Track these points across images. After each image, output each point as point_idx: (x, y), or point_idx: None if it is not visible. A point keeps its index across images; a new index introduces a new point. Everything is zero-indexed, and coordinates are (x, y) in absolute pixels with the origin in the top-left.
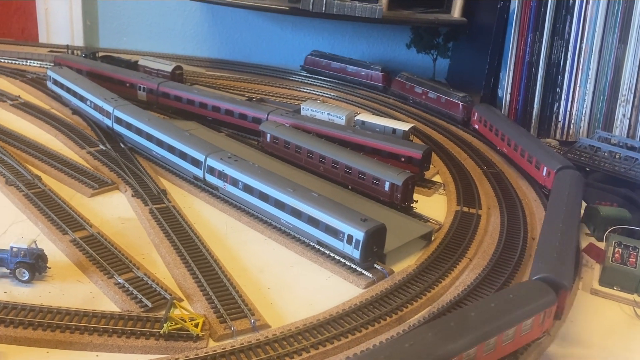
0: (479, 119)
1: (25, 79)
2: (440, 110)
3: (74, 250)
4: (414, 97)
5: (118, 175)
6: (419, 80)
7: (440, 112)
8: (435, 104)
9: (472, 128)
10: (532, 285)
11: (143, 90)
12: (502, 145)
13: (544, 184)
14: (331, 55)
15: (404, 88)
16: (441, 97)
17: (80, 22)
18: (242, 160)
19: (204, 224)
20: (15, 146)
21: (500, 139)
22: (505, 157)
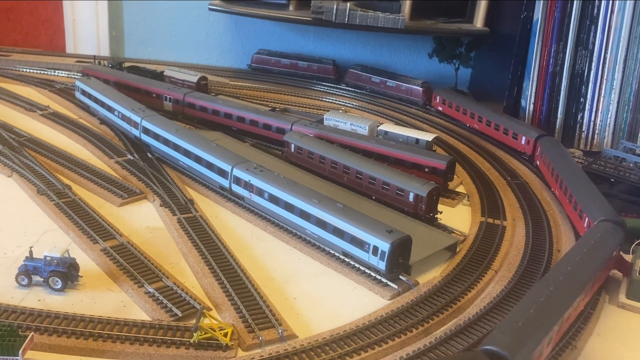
0: (442, 101)
1: (53, 89)
2: (401, 97)
3: (105, 259)
4: (371, 87)
5: (146, 184)
6: (375, 70)
7: (401, 98)
8: (395, 91)
9: (435, 110)
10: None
11: (169, 100)
12: (472, 122)
13: (524, 151)
14: (279, 53)
15: (360, 79)
16: (401, 85)
17: (106, 33)
18: (268, 171)
19: (230, 234)
20: (45, 156)
21: (470, 116)
22: (476, 133)
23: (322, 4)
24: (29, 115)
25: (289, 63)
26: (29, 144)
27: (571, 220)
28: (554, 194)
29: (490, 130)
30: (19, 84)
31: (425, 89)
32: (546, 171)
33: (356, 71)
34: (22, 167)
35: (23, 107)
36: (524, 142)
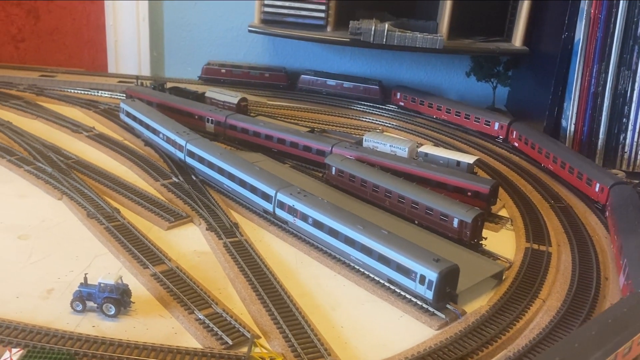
0: (403, 97)
1: (98, 110)
2: (360, 96)
3: (155, 284)
4: (327, 90)
5: (192, 208)
6: (328, 74)
7: (359, 98)
8: (353, 92)
9: (398, 105)
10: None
11: (211, 122)
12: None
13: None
14: (230, 64)
15: (315, 83)
16: (359, 86)
17: (147, 53)
18: (312, 196)
19: (274, 258)
20: (93, 178)
21: (431, 107)
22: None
23: (360, 25)
24: (75, 136)
25: (240, 72)
26: (77, 166)
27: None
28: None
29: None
30: (64, 104)
31: (381, 87)
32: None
33: (309, 76)
34: (71, 190)
35: (69, 129)
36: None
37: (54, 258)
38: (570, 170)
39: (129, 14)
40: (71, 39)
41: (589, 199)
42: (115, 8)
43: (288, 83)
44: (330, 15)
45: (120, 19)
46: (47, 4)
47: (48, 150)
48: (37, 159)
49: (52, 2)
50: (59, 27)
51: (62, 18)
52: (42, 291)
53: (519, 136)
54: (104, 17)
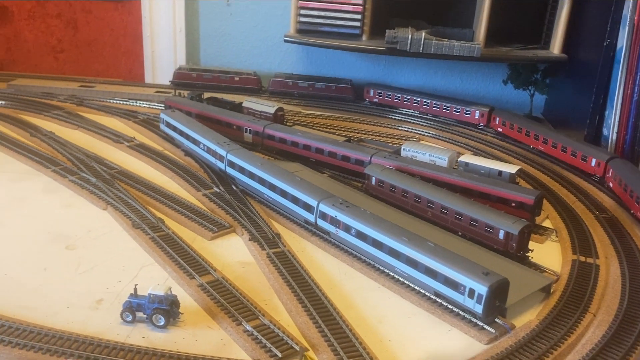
0: (376, 94)
1: (137, 120)
2: (332, 96)
3: (202, 295)
4: (299, 92)
5: (234, 218)
6: (299, 75)
7: (332, 97)
8: (325, 92)
9: (370, 102)
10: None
11: (249, 132)
12: (419, 108)
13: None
14: (201, 69)
15: (286, 85)
16: (331, 86)
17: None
18: (354, 207)
19: (318, 269)
20: (136, 188)
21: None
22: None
23: (397, 34)
24: (117, 146)
25: (211, 77)
26: (120, 176)
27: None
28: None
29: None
30: (104, 114)
31: (352, 86)
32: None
33: (280, 79)
34: (115, 200)
35: (110, 139)
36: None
37: (102, 268)
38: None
39: (166, 25)
40: (109, 50)
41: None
42: (153, 20)
43: (259, 86)
44: (365, 24)
45: (157, 31)
46: (85, 16)
47: (91, 160)
48: (80, 169)
49: (90, 14)
50: (97, 38)
51: (100, 29)
52: (92, 302)
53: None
54: (141, 28)
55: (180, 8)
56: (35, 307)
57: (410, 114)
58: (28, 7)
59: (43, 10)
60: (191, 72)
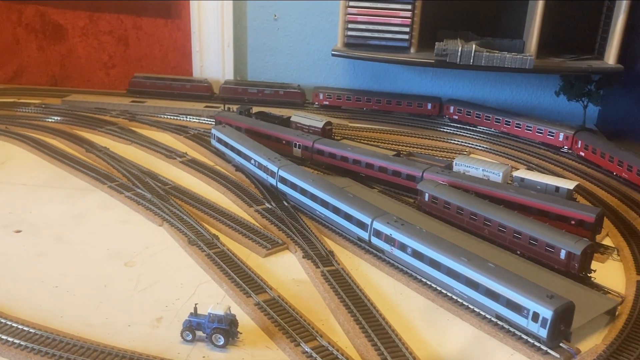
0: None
1: (188, 135)
2: (281, 101)
3: (259, 314)
4: (249, 97)
5: (286, 235)
6: (249, 82)
7: (281, 102)
8: (274, 97)
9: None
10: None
11: (298, 147)
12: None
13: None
14: (155, 77)
15: (236, 92)
16: (279, 91)
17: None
18: (410, 225)
19: (373, 288)
20: (190, 204)
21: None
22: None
23: (446, 47)
24: (170, 162)
25: (164, 84)
26: (174, 192)
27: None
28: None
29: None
30: (156, 130)
31: (300, 91)
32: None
33: (230, 86)
34: (171, 216)
35: (163, 154)
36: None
37: (160, 286)
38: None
39: (215, 40)
40: (159, 65)
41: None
42: (202, 35)
43: (211, 93)
44: (413, 36)
45: (205, 45)
46: (136, 32)
47: (145, 176)
48: (136, 185)
49: (141, 30)
50: (147, 54)
51: (150, 45)
52: (152, 320)
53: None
54: (190, 43)
55: (229, 23)
56: (98, 325)
57: (459, 126)
58: (81, 25)
59: (96, 27)
60: (145, 80)
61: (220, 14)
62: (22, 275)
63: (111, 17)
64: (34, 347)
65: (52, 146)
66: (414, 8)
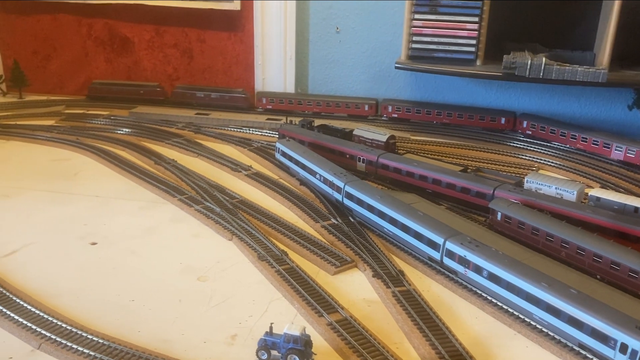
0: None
1: (252, 148)
2: (227, 105)
3: (332, 334)
4: (197, 102)
5: (355, 252)
6: (197, 87)
7: (227, 106)
8: (220, 101)
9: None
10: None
11: (362, 161)
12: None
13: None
14: (113, 83)
15: (185, 96)
16: (225, 95)
17: (292, 91)
18: (485, 247)
19: (446, 311)
20: (258, 219)
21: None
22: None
23: (515, 59)
24: (235, 175)
25: (117, 90)
26: (242, 205)
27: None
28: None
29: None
30: (220, 142)
31: (246, 95)
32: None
33: (180, 90)
34: (240, 230)
35: (229, 167)
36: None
37: (233, 302)
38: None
39: (277, 53)
40: (221, 78)
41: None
42: (264, 48)
43: (164, 98)
44: (480, 49)
45: (268, 58)
46: (200, 45)
47: (213, 190)
48: (205, 198)
49: (204, 43)
50: (211, 66)
51: (214, 57)
52: (227, 337)
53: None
54: (252, 56)
55: (291, 36)
56: (174, 341)
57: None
58: (147, 38)
59: (161, 40)
60: (102, 86)
61: (283, 27)
62: (100, 288)
63: (176, 30)
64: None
65: (122, 158)
66: (481, 20)
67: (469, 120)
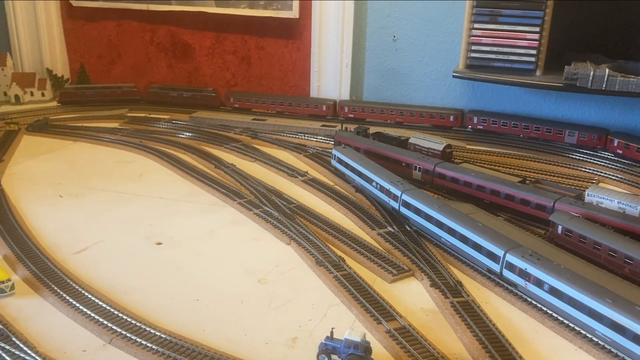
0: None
1: (307, 154)
2: (198, 103)
3: (391, 342)
4: (170, 100)
5: (411, 261)
6: (171, 87)
7: (196, 104)
8: (191, 100)
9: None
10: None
11: (419, 170)
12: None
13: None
14: (85, 87)
15: (160, 95)
16: (196, 95)
17: (347, 98)
18: (547, 260)
19: (506, 324)
20: (315, 224)
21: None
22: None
23: (577, 70)
24: (292, 180)
25: (94, 93)
26: (299, 211)
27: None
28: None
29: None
30: (276, 147)
31: (215, 94)
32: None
33: (155, 90)
34: (298, 235)
35: (286, 172)
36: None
37: (292, 305)
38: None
39: (333, 61)
40: (277, 84)
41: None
42: (321, 56)
43: (138, 98)
44: (540, 59)
45: (324, 66)
46: (258, 52)
47: (271, 194)
48: (263, 202)
49: (262, 50)
50: (268, 73)
51: (271, 65)
52: (287, 339)
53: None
54: (308, 64)
55: (348, 44)
56: (238, 341)
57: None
58: (208, 45)
59: (221, 47)
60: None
61: (341, 35)
62: (165, 287)
63: (236, 37)
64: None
65: (183, 161)
66: (542, 30)
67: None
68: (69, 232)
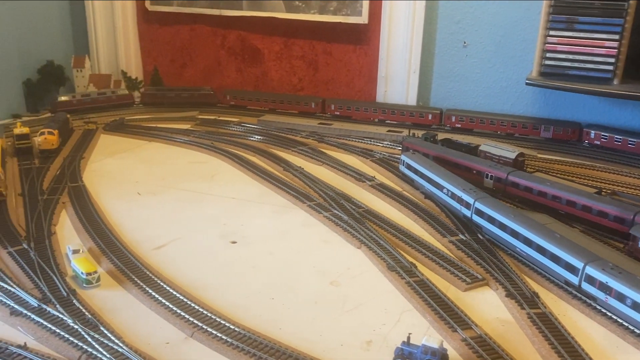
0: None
1: (374, 159)
2: (195, 102)
3: (467, 350)
4: (168, 101)
5: (485, 270)
6: (167, 88)
7: (194, 103)
8: (189, 99)
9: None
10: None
11: (490, 178)
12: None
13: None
14: (81, 94)
15: (156, 97)
16: (194, 93)
17: (413, 104)
18: (630, 274)
19: (585, 338)
20: (385, 229)
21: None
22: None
23: None
24: (359, 185)
25: (90, 100)
26: (368, 215)
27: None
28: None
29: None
30: (343, 152)
31: (212, 92)
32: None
33: (149, 92)
34: (368, 240)
35: (353, 177)
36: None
37: (365, 308)
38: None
39: (401, 66)
40: (344, 89)
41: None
42: (389, 61)
43: (132, 101)
44: (618, 67)
45: (392, 71)
46: (325, 57)
47: (340, 198)
48: (332, 205)
49: (330, 55)
50: (335, 78)
51: (338, 70)
52: (362, 342)
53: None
54: (376, 69)
55: (417, 50)
56: (313, 341)
57: None
58: (276, 49)
59: (289, 52)
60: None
61: (410, 41)
62: (242, 285)
63: (304, 42)
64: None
65: (253, 163)
66: (621, 38)
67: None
68: (148, 228)
